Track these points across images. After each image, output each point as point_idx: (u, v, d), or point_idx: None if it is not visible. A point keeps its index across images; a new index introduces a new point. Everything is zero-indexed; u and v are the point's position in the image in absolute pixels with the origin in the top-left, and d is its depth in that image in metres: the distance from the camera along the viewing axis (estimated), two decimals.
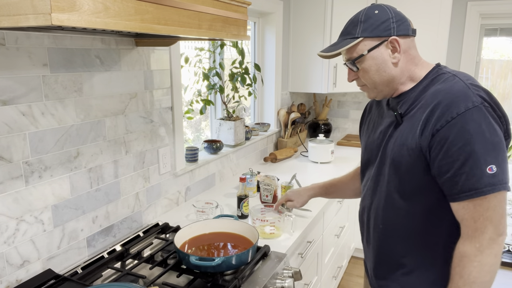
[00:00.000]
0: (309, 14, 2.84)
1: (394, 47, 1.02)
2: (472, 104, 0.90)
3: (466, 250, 0.92)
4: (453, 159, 0.90)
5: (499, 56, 3.45)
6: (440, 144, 0.92)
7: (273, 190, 1.87)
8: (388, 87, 1.07)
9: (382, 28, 1.01)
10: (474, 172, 0.89)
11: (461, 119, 0.89)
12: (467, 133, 0.89)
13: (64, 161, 1.26)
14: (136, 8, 0.87)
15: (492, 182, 0.88)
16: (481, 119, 0.89)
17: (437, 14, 2.72)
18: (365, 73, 1.06)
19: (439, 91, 0.96)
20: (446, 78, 0.99)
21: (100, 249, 1.45)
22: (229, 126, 2.26)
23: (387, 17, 1.02)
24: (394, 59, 1.03)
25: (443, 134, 0.91)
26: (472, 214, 0.91)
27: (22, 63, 1.11)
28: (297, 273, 1.37)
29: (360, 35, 1.02)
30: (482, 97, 0.92)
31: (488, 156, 0.88)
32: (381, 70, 1.04)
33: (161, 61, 1.63)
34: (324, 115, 3.30)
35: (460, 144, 0.89)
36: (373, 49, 1.02)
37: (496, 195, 0.89)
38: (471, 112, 0.89)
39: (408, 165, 1.00)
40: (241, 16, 1.32)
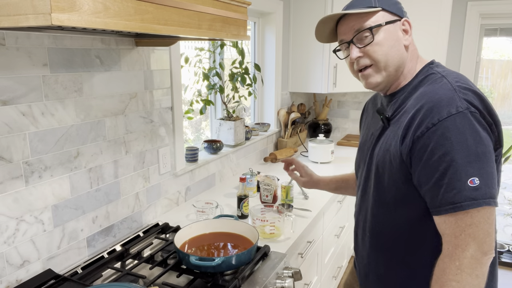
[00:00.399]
0: (309, 14, 2.84)
1: (406, 30, 0.97)
2: (455, 109, 0.83)
3: (445, 267, 0.85)
4: (433, 169, 0.84)
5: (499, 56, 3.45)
6: (420, 152, 0.86)
7: (273, 190, 1.87)
8: (396, 72, 0.97)
9: (397, 7, 0.97)
10: (454, 184, 0.82)
11: (442, 125, 0.82)
12: (447, 141, 0.82)
13: (64, 161, 1.26)
14: (136, 8, 0.87)
15: (474, 196, 0.81)
16: (465, 126, 0.82)
17: (437, 14, 2.72)
18: (379, 46, 0.94)
19: (424, 94, 0.90)
20: (434, 79, 0.93)
21: (100, 249, 1.45)
22: (229, 126, 2.26)
23: (398, 1, 0.98)
24: (406, 41, 0.96)
25: (424, 142, 0.85)
26: (453, 229, 0.83)
27: (22, 63, 1.11)
28: (297, 273, 1.37)
29: (379, 5, 0.94)
30: (469, 102, 0.84)
31: (470, 167, 0.81)
32: (395, 48, 0.95)
33: (161, 61, 1.63)
34: (324, 115, 3.30)
35: (440, 153, 0.83)
36: (390, 23, 0.94)
37: (479, 210, 0.81)
38: (453, 118, 0.82)
39: (391, 173, 0.94)
40: (241, 16, 1.32)
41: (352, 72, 1.02)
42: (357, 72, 1.00)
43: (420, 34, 2.80)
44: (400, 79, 0.99)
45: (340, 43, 1.01)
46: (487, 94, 3.77)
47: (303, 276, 1.85)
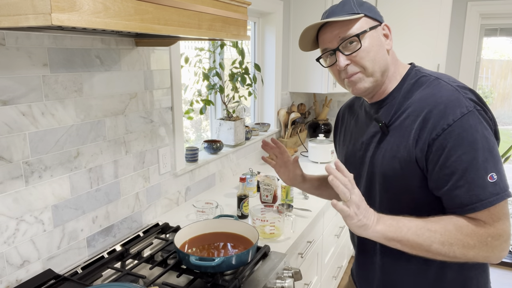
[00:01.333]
0: (309, 14, 2.84)
1: (387, 34, 0.97)
2: (466, 109, 0.84)
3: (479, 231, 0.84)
4: (452, 170, 0.84)
5: (499, 56, 3.45)
6: (437, 155, 0.86)
7: (273, 190, 1.87)
8: (382, 77, 0.97)
9: (377, 13, 0.97)
10: (476, 182, 0.83)
11: (457, 125, 0.84)
12: (465, 140, 0.83)
13: (64, 161, 1.26)
14: (136, 8, 0.87)
15: (496, 191, 0.82)
16: (477, 124, 0.84)
17: (437, 14, 2.72)
18: (366, 53, 0.93)
19: (428, 96, 0.90)
20: (429, 82, 0.93)
21: (100, 249, 1.45)
22: (229, 126, 2.26)
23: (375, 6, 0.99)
24: (387, 45, 0.97)
25: (440, 143, 0.85)
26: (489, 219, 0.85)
27: (22, 63, 1.11)
28: (297, 273, 1.37)
29: (361, 12, 0.94)
30: (473, 100, 0.86)
31: (488, 163, 0.83)
32: (380, 53, 0.95)
33: (161, 61, 1.63)
34: (324, 115, 3.30)
35: (459, 153, 0.83)
36: (373, 29, 0.94)
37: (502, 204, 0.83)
38: (466, 118, 0.84)
39: (402, 180, 0.92)
40: (241, 16, 1.32)
41: (337, 80, 1.01)
42: (343, 80, 0.98)
43: (420, 34, 2.80)
44: (386, 82, 0.99)
45: (323, 52, 0.99)
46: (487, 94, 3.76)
47: (303, 276, 1.85)
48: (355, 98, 1.19)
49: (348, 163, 1.09)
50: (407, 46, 2.84)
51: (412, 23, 2.80)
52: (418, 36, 2.80)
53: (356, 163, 1.06)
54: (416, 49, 2.83)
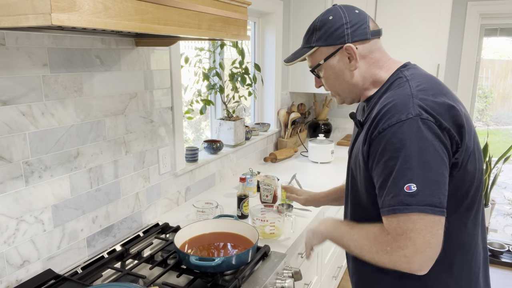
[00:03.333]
0: (309, 14, 2.84)
1: (350, 55, 0.98)
2: (405, 116, 0.84)
3: (378, 240, 0.87)
4: (379, 172, 0.88)
5: (499, 56, 3.45)
6: (373, 155, 0.90)
7: (273, 190, 1.87)
8: (351, 94, 1.04)
9: (335, 35, 0.97)
10: (391, 188, 0.84)
11: (390, 131, 0.85)
12: (392, 146, 0.84)
13: (64, 161, 1.26)
14: (136, 8, 0.87)
15: (408, 201, 0.81)
16: (412, 133, 0.82)
17: (437, 14, 2.72)
18: (326, 80, 1.05)
19: (386, 99, 0.92)
20: (399, 83, 0.94)
21: (100, 249, 1.45)
22: (229, 126, 2.27)
23: (341, 23, 0.97)
24: (351, 67, 0.99)
25: (375, 145, 0.89)
26: (395, 229, 0.84)
27: (22, 63, 1.11)
28: (297, 273, 1.37)
29: (315, 44, 1.00)
30: (422, 108, 0.84)
31: (410, 173, 0.81)
32: (340, 79, 1.01)
33: (161, 61, 1.63)
34: (324, 115, 3.30)
35: (386, 158, 0.85)
36: (329, 58, 0.99)
37: (422, 217, 0.80)
38: (400, 125, 0.84)
39: (362, 175, 0.97)
40: (241, 16, 1.32)
41: None
42: None
43: (420, 34, 2.80)
44: (365, 92, 1.04)
45: None
46: (487, 94, 3.76)
47: (303, 276, 1.85)
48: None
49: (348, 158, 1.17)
50: (407, 46, 2.84)
51: (412, 23, 2.80)
52: (418, 36, 2.80)
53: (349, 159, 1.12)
54: (416, 49, 2.83)
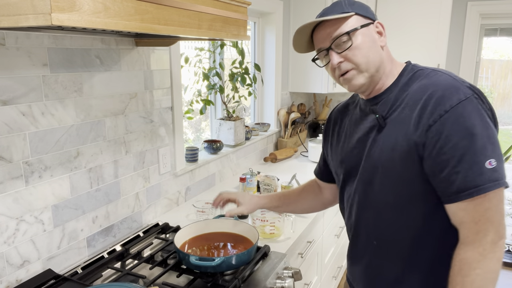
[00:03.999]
0: (309, 14, 2.84)
1: (380, 31, 0.98)
2: (464, 95, 0.85)
3: (467, 256, 0.85)
4: (449, 156, 0.84)
5: (499, 56, 3.45)
6: (433, 141, 0.86)
7: (273, 190, 1.87)
8: (377, 73, 0.97)
9: (369, 11, 0.99)
10: (473, 168, 0.82)
11: (454, 112, 0.84)
12: (462, 126, 0.83)
13: (64, 161, 1.26)
14: (136, 8, 0.87)
15: (494, 177, 0.82)
16: (475, 111, 0.84)
17: (437, 14, 2.72)
18: (358, 50, 0.94)
19: (426, 85, 0.91)
20: (427, 73, 0.94)
21: (100, 249, 1.45)
22: (229, 126, 2.26)
23: (367, 6, 1.00)
24: (381, 42, 0.98)
25: (437, 130, 0.85)
26: (473, 215, 0.84)
27: (22, 63, 1.11)
28: (297, 273, 1.37)
29: (351, 10, 0.96)
30: (471, 89, 0.87)
31: (486, 150, 0.82)
32: (373, 49, 0.96)
33: (161, 61, 1.63)
34: (324, 115, 3.30)
35: (456, 139, 0.83)
36: (365, 27, 0.96)
37: (497, 192, 0.82)
38: (463, 104, 0.84)
39: (401, 170, 0.92)
40: (241, 16, 1.32)
41: (333, 78, 1.03)
42: (338, 78, 1.00)
43: (420, 34, 2.80)
44: (383, 79, 1.00)
45: (318, 51, 1.01)
46: (487, 94, 3.77)
47: (303, 276, 1.85)
48: (348, 100, 1.19)
49: (344, 163, 1.09)
50: (407, 46, 2.84)
51: (412, 23, 2.80)
52: (418, 36, 2.80)
53: (352, 161, 1.05)
54: (416, 49, 2.83)
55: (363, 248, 1.07)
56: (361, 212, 1.05)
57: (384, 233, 1.00)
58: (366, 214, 1.03)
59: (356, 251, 1.10)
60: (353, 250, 1.12)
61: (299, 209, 1.34)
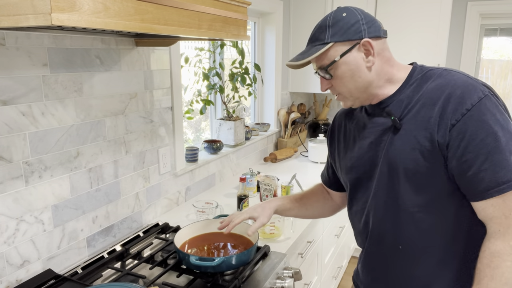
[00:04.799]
0: (309, 14, 2.84)
1: (367, 50, 0.94)
2: (482, 93, 0.86)
3: (498, 249, 0.85)
4: (475, 154, 0.84)
5: (499, 56, 3.45)
6: (458, 140, 0.86)
7: (273, 190, 1.87)
8: (365, 93, 0.99)
9: (352, 31, 0.94)
10: (502, 164, 0.82)
11: (476, 110, 0.84)
12: (486, 124, 0.84)
13: (64, 161, 1.26)
14: (136, 8, 0.87)
15: None
16: (494, 108, 0.85)
17: (437, 14, 2.72)
18: (339, 80, 0.98)
19: (442, 85, 0.91)
20: (439, 73, 0.94)
21: (100, 249, 1.45)
22: (229, 126, 2.27)
23: (356, 19, 0.94)
24: (368, 63, 0.95)
25: (460, 129, 0.85)
26: (503, 210, 0.84)
27: (22, 63, 1.11)
28: (297, 273, 1.37)
29: (330, 40, 0.94)
30: (487, 87, 0.89)
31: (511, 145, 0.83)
32: (356, 76, 0.96)
33: (161, 61, 1.63)
34: (324, 115, 3.30)
35: (482, 137, 0.84)
36: (346, 54, 0.94)
37: None
38: (484, 102, 0.85)
39: (425, 170, 0.91)
40: (241, 16, 1.32)
41: None
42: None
43: (420, 34, 2.80)
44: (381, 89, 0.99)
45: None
46: None
47: (303, 276, 1.85)
48: None
49: (354, 168, 1.07)
50: (407, 46, 2.84)
51: (412, 23, 2.80)
52: (418, 36, 2.80)
53: (366, 165, 1.03)
54: (416, 49, 2.83)
55: (386, 254, 1.04)
56: (382, 217, 1.01)
57: (412, 236, 0.98)
58: (389, 219, 1.00)
59: (376, 259, 1.07)
60: (372, 258, 1.08)
61: (309, 214, 1.32)
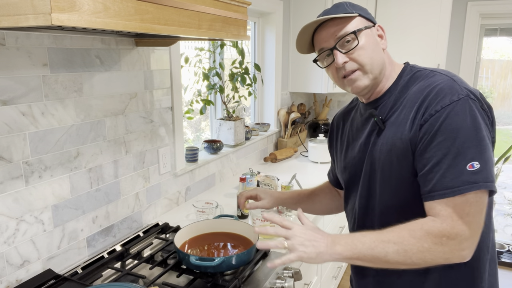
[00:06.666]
0: (309, 14, 2.84)
1: (381, 35, 0.99)
2: (457, 96, 0.85)
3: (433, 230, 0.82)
4: (431, 154, 0.85)
5: (499, 56, 3.45)
6: (423, 139, 0.87)
7: (273, 190, 1.87)
8: (380, 75, 0.97)
9: (370, 14, 1.00)
10: (452, 169, 0.82)
11: (444, 112, 0.84)
12: (449, 126, 0.83)
13: (64, 161, 1.26)
14: (136, 8, 0.87)
15: (473, 179, 0.80)
16: (466, 112, 0.83)
17: (437, 14, 2.72)
18: (364, 50, 0.94)
19: (423, 86, 0.91)
20: (425, 74, 0.95)
21: (100, 249, 1.45)
22: (229, 126, 2.26)
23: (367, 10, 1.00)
24: (383, 45, 0.99)
25: (427, 128, 0.86)
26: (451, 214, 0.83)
27: (22, 63, 1.11)
28: (297, 273, 1.37)
29: (356, 12, 0.96)
30: (468, 89, 0.87)
31: (470, 152, 0.81)
32: (376, 51, 0.96)
33: (161, 61, 1.63)
34: (324, 115, 3.30)
35: (441, 139, 0.83)
36: (368, 28, 0.96)
37: (480, 196, 0.81)
38: (455, 105, 0.84)
39: (399, 171, 0.92)
40: (241, 16, 1.32)
41: (334, 80, 1.01)
42: (341, 79, 0.99)
43: (420, 34, 2.80)
44: (383, 81, 1.00)
45: (320, 52, 0.99)
46: (487, 94, 3.77)
47: (303, 276, 1.85)
48: (349, 105, 1.19)
49: (347, 169, 1.08)
50: (407, 46, 2.84)
51: (412, 23, 2.80)
52: (418, 36, 2.80)
53: (357, 166, 1.05)
54: (416, 49, 2.83)
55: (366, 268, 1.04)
56: (363, 218, 1.04)
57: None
58: (369, 220, 1.02)
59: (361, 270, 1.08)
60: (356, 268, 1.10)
61: (316, 209, 1.33)
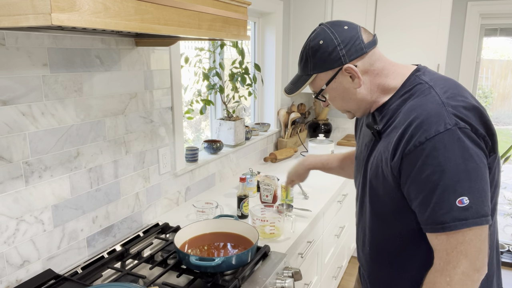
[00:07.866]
0: (309, 14, 2.84)
1: (351, 74, 0.96)
2: (444, 127, 0.81)
3: (436, 281, 0.85)
4: (421, 187, 0.84)
5: (499, 56, 3.45)
6: (408, 169, 0.85)
7: (273, 190, 1.87)
8: (361, 107, 1.02)
9: (331, 60, 0.95)
10: (441, 204, 0.81)
11: (430, 144, 0.81)
12: (435, 160, 0.81)
13: (64, 161, 1.26)
14: (136, 8, 0.87)
15: (463, 216, 0.80)
16: (454, 144, 0.80)
17: (437, 14, 2.72)
18: (334, 101, 1.03)
19: (413, 108, 0.88)
20: (422, 90, 0.91)
21: (100, 249, 1.45)
22: (229, 126, 2.27)
23: (334, 46, 0.94)
24: (355, 85, 0.97)
25: (411, 159, 0.84)
26: (445, 246, 0.83)
27: (22, 63, 1.11)
28: (297, 273, 1.37)
29: (313, 72, 0.98)
30: (458, 117, 0.83)
31: (459, 186, 0.80)
32: (347, 98, 1.00)
33: (161, 61, 1.63)
34: (324, 115, 3.30)
35: (428, 172, 0.82)
36: (331, 81, 0.98)
37: (472, 229, 0.81)
38: (441, 137, 0.81)
39: (385, 186, 0.94)
40: (241, 16, 1.32)
41: None
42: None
43: (420, 34, 2.80)
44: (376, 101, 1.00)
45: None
46: (487, 94, 3.76)
47: (303, 276, 1.85)
48: None
49: (356, 161, 1.14)
50: (407, 46, 2.84)
51: (412, 23, 2.80)
52: (418, 36, 2.80)
53: (360, 163, 1.09)
54: (416, 49, 2.83)
55: (361, 252, 1.13)
56: (360, 216, 1.11)
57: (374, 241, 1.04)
58: (362, 220, 1.09)
59: (358, 251, 1.17)
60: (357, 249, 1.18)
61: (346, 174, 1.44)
